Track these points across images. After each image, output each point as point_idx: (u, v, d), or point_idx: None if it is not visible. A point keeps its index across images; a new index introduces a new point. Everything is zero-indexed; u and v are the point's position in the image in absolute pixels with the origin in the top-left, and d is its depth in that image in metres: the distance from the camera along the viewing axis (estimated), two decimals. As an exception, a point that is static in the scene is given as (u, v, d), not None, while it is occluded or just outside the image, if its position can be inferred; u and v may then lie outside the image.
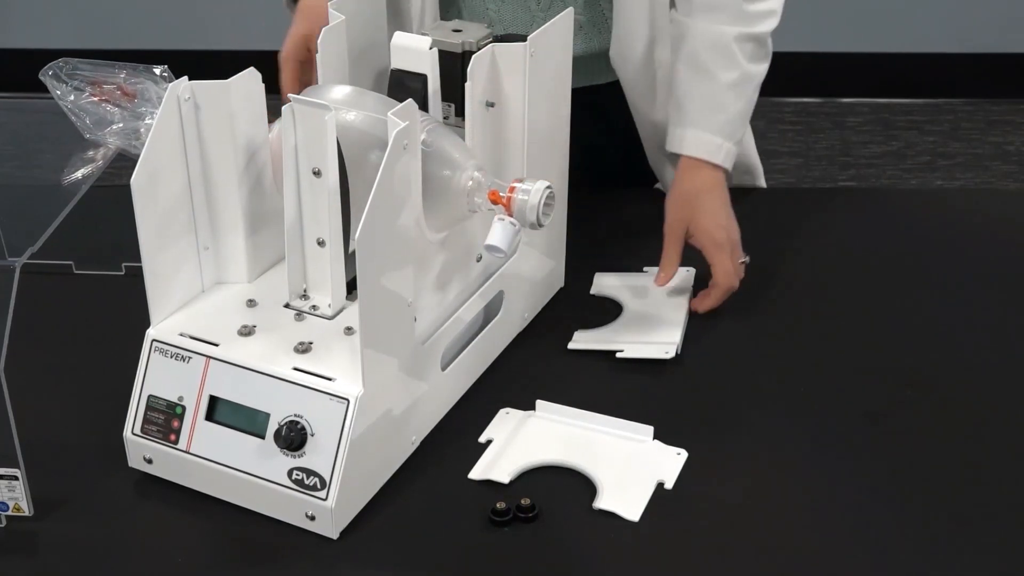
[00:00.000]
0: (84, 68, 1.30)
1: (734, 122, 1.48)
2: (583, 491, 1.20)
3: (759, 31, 1.47)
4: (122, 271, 1.50)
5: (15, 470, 1.12)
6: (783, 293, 1.49)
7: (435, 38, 1.27)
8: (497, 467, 1.21)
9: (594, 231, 1.56)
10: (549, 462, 1.23)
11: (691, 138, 1.47)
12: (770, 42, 1.50)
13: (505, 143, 1.30)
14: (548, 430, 1.27)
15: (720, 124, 1.47)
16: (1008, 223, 1.66)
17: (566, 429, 1.27)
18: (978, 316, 1.45)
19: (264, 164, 1.25)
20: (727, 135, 1.48)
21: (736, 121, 1.49)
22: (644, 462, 1.22)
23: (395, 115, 1.10)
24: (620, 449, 1.24)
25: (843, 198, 1.82)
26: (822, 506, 1.18)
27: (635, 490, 1.19)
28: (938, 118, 3.81)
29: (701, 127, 1.47)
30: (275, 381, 1.15)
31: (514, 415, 1.28)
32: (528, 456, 1.23)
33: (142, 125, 1.28)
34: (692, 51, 1.47)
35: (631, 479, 1.20)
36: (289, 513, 1.15)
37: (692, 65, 1.47)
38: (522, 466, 1.22)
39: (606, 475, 1.20)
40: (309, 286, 1.24)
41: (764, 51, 1.49)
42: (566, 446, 1.25)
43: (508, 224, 1.20)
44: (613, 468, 1.21)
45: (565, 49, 1.36)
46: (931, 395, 1.32)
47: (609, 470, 1.21)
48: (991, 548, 1.14)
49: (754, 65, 1.48)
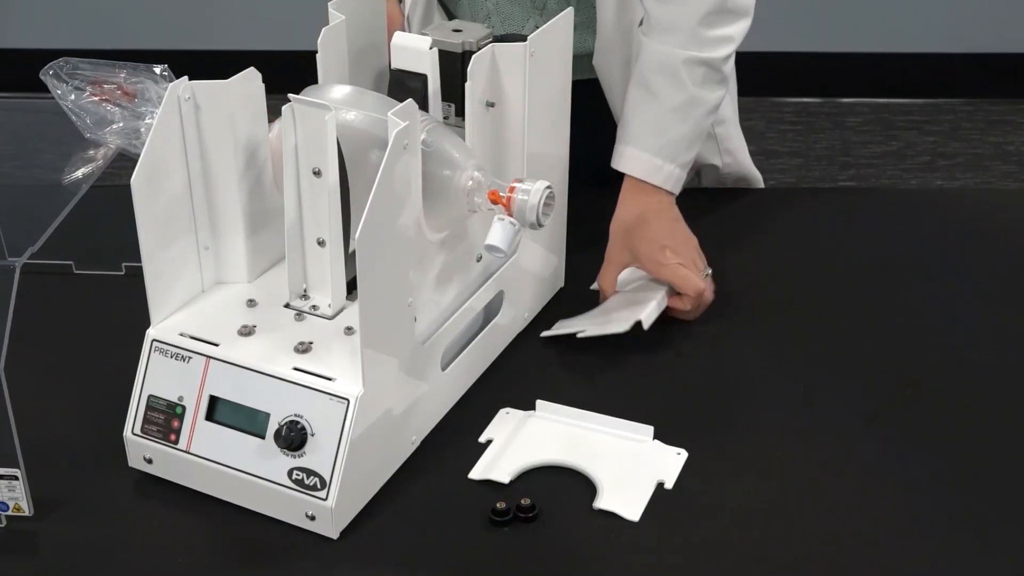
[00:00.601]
0: (85, 68, 1.30)
1: (676, 144, 1.45)
2: (583, 491, 1.20)
3: (711, 56, 1.43)
4: (122, 271, 1.50)
5: (15, 470, 1.12)
6: (783, 293, 1.49)
7: (435, 38, 1.27)
8: (497, 467, 1.21)
9: (594, 231, 1.56)
10: (549, 462, 1.23)
11: (630, 156, 1.45)
12: (726, 68, 1.46)
13: (505, 143, 1.30)
14: (548, 430, 1.27)
15: (660, 145, 1.44)
16: (1008, 223, 1.66)
17: (566, 429, 1.27)
18: (978, 316, 1.45)
19: (264, 164, 1.25)
20: (668, 156, 1.44)
21: (679, 144, 1.45)
22: (644, 462, 1.22)
23: (395, 115, 1.10)
24: (620, 449, 1.24)
25: (843, 198, 1.82)
26: (821, 505, 1.18)
27: (635, 490, 1.19)
28: (938, 118, 3.81)
29: (640, 146, 1.45)
30: (275, 381, 1.15)
31: (514, 415, 1.28)
32: (528, 456, 1.23)
33: (142, 125, 1.28)
34: (641, 71, 1.45)
35: (631, 479, 1.20)
36: (289, 513, 1.15)
37: (640, 84, 1.45)
38: (522, 466, 1.22)
39: (606, 475, 1.20)
40: (309, 286, 1.24)
41: (717, 76, 1.45)
42: (566, 446, 1.25)
43: (508, 224, 1.20)
44: (613, 468, 1.21)
45: (565, 49, 1.36)
46: (931, 395, 1.32)
47: (609, 470, 1.21)
48: (991, 548, 1.14)
49: (704, 90, 1.44)
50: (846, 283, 1.51)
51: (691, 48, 1.42)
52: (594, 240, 1.54)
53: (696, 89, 1.44)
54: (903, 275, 1.53)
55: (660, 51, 1.43)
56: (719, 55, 1.44)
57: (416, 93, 1.21)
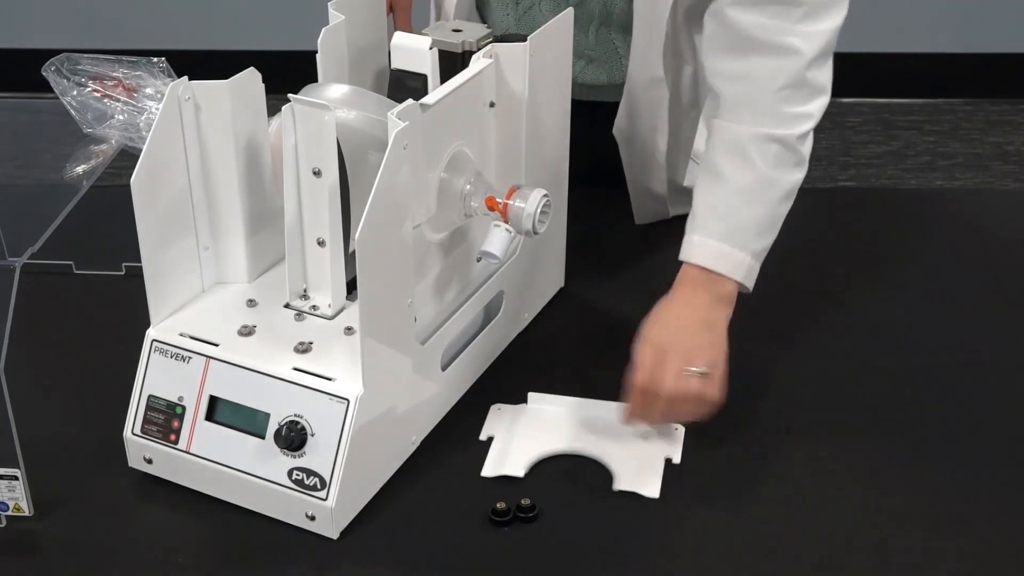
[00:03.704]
0: (86, 63, 1.30)
1: (747, 230, 1.29)
2: (583, 491, 1.20)
3: (785, 133, 1.29)
4: (122, 271, 1.50)
5: (15, 470, 1.12)
6: (782, 293, 1.49)
7: (435, 38, 1.27)
8: (508, 462, 1.22)
9: (594, 231, 1.56)
10: (559, 451, 1.23)
11: (696, 244, 1.30)
12: (804, 150, 1.32)
13: (505, 143, 1.30)
14: (547, 420, 1.27)
15: (729, 230, 1.29)
16: (1008, 223, 1.66)
17: (563, 417, 1.27)
18: (978, 316, 1.45)
19: (264, 164, 1.25)
20: (737, 243, 1.29)
21: (750, 229, 1.29)
22: (647, 440, 1.24)
23: (395, 115, 1.10)
24: (621, 431, 1.25)
25: (843, 198, 1.82)
26: (820, 503, 1.18)
27: (648, 469, 1.21)
28: (938, 118, 3.81)
29: (706, 233, 1.30)
30: (275, 381, 1.15)
31: (507, 409, 1.28)
32: (536, 447, 1.23)
33: (141, 120, 1.28)
34: (709, 156, 1.33)
35: (641, 458, 1.22)
36: (289, 513, 1.15)
37: (708, 171, 1.33)
38: (533, 457, 1.22)
39: (617, 457, 1.22)
40: (309, 286, 1.24)
41: (793, 158, 1.31)
42: (569, 433, 1.25)
43: (504, 231, 1.20)
44: (620, 450, 1.23)
45: (565, 49, 1.36)
46: (931, 395, 1.32)
47: (618, 452, 1.22)
48: (992, 548, 1.14)
49: (777, 171, 1.30)
50: (846, 283, 1.51)
51: (763, 125, 1.30)
52: (594, 240, 1.54)
53: (768, 169, 1.30)
54: (903, 275, 1.53)
55: (729, 129, 1.31)
56: (794, 132, 1.30)
57: (416, 93, 1.20)
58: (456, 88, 1.18)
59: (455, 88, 1.18)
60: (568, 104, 1.40)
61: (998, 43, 3.85)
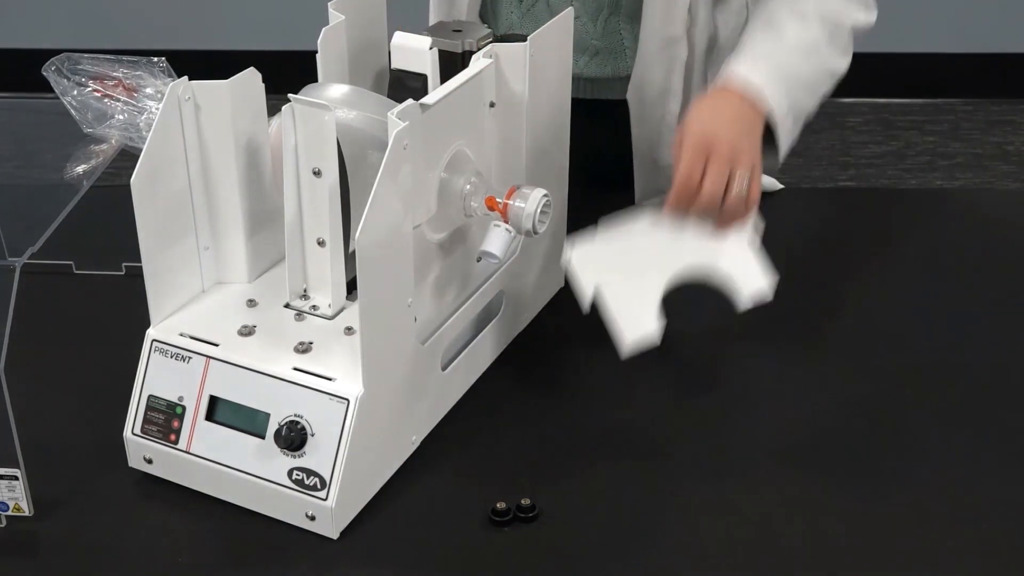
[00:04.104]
0: (85, 63, 1.30)
1: (791, 80, 1.32)
2: (583, 491, 1.20)
3: (840, 20, 1.39)
4: (122, 271, 1.50)
5: (15, 470, 1.12)
6: (782, 292, 1.48)
7: (435, 38, 1.27)
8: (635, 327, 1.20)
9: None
10: (671, 285, 1.22)
11: (737, 74, 1.32)
12: (851, 44, 1.41)
13: (505, 143, 1.30)
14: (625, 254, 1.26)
15: (774, 75, 1.31)
16: (1008, 223, 1.66)
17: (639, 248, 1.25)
18: (978, 316, 1.45)
19: (264, 164, 1.25)
20: (779, 88, 1.32)
21: (795, 81, 1.33)
22: (730, 242, 1.25)
23: (395, 115, 1.10)
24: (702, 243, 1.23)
25: (843, 198, 1.82)
26: (820, 503, 1.18)
27: (752, 264, 1.22)
28: (938, 118, 3.81)
29: (750, 68, 1.32)
30: (275, 381, 1.15)
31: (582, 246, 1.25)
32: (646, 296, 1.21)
33: (141, 119, 1.28)
34: (769, 10, 1.39)
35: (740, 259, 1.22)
36: (289, 513, 1.15)
37: (764, 22, 1.38)
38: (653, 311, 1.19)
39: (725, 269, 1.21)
40: (309, 286, 1.24)
41: (842, 42, 1.39)
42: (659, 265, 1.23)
43: (504, 231, 1.20)
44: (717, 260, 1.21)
45: (565, 49, 1.36)
46: (931, 395, 1.32)
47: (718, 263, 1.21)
48: (992, 548, 1.14)
49: (829, 47, 1.37)
50: (845, 283, 1.51)
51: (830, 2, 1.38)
52: (594, 240, 1.54)
53: (824, 40, 1.36)
54: (903, 275, 1.53)
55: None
56: (847, 23, 1.40)
57: (416, 93, 1.20)
58: (456, 88, 1.18)
59: (455, 88, 1.18)
60: (568, 104, 1.40)
61: (998, 43, 3.85)
